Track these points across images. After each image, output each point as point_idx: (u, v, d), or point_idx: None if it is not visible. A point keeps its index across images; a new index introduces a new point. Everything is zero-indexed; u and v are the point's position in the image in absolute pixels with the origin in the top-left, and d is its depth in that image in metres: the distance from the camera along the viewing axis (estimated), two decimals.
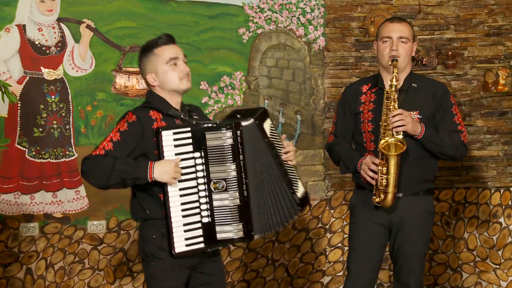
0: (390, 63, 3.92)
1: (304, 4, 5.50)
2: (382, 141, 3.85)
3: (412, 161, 3.96)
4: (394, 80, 3.88)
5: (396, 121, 3.83)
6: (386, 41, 4.00)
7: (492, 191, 5.60)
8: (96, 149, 3.36)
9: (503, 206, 5.60)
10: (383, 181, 3.88)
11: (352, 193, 4.26)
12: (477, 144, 5.58)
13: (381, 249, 4.11)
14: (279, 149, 3.54)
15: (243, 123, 3.39)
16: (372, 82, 4.13)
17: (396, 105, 3.88)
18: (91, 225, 5.31)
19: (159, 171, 3.30)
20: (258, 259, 5.53)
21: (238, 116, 3.48)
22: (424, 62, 5.48)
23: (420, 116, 3.96)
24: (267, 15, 5.47)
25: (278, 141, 3.57)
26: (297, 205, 3.54)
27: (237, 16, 5.44)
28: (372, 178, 3.94)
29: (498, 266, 5.61)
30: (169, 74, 3.47)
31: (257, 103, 5.47)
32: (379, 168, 3.89)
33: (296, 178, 3.62)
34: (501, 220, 5.60)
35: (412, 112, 3.94)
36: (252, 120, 3.42)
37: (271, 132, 3.54)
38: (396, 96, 3.88)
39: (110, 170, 3.29)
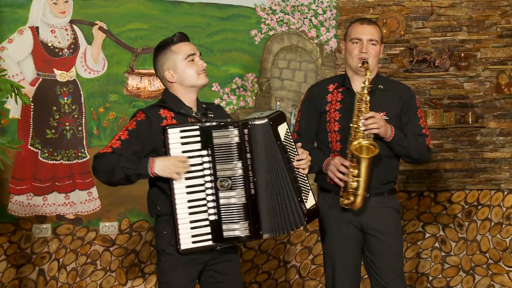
0: (360, 65, 3.92)
1: (316, 6, 5.50)
2: (355, 142, 3.83)
3: (377, 162, 3.94)
4: (367, 82, 3.88)
5: (370, 123, 3.82)
6: (356, 43, 3.99)
7: (505, 193, 5.58)
8: (105, 148, 3.45)
9: None
10: (354, 183, 3.85)
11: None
12: (490, 146, 5.56)
13: (357, 252, 4.03)
14: (292, 155, 3.53)
15: (256, 122, 3.40)
16: (338, 82, 4.09)
17: (368, 107, 3.87)
18: (103, 226, 5.33)
19: (160, 167, 3.36)
20: (270, 261, 5.53)
21: (255, 116, 3.50)
22: (436, 64, 5.46)
23: (387, 118, 3.94)
24: (279, 17, 5.47)
25: (292, 147, 3.56)
26: (304, 215, 3.51)
27: (249, 17, 5.45)
28: (341, 180, 3.91)
29: (511, 269, 5.58)
30: (187, 70, 3.52)
31: (269, 105, 5.47)
32: (351, 170, 3.86)
33: (307, 190, 3.59)
34: None
35: (379, 114, 3.93)
36: (266, 120, 3.42)
37: (286, 137, 3.52)
38: (368, 98, 3.87)
39: (113, 167, 3.37)
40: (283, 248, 5.54)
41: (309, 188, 3.61)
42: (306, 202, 3.54)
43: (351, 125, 3.88)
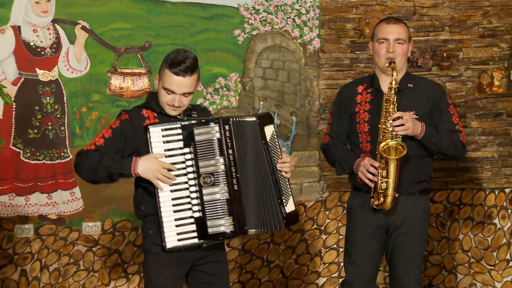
0: (387, 65, 3.93)
1: (299, 6, 5.50)
2: (382, 144, 3.84)
3: (407, 161, 3.96)
4: (393, 82, 3.89)
5: (397, 125, 3.84)
6: (382, 42, 4.00)
7: (487, 192, 5.61)
8: (88, 145, 3.50)
9: (498, 207, 5.61)
10: (383, 184, 3.87)
11: (349, 195, 4.25)
12: (472, 145, 5.59)
13: (378, 252, 4.08)
14: (276, 157, 3.54)
15: (245, 119, 3.45)
16: (368, 83, 4.13)
17: (395, 107, 3.88)
18: (86, 226, 5.31)
19: (143, 168, 3.39)
20: (253, 261, 5.53)
21: (243, 114, 3.54)
22: (419, 64, 5.49)
23: (417, 116, 3.96)
24: (262, 17, 5.47)
25: (277, 149, 3.58)
26: (283, 218, 3.50)
27: (233, 17, 5.44)
28: (371, 181, 3.94)
29: (492, 267, 5.62)
30: (162, 95, 3.53)
31: (252, 105, 5.47)
32: (379, 171, 3.88)
33: (288, 193, 3.59)
34: (496, 221, 5.61)
35: (408, 112, 3.94)
36: (254, 118, 3.48)
37: (272, 139, 3.55)
38: (395, 98, 3.89)
39: (97, 165, 3.41)
40: (267, 248, 5.54)
41: (290, 193, 3.61)
42: (286, 206, 3.53)
43: (380, 126, 3.89)
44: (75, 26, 5.23)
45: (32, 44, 5.17)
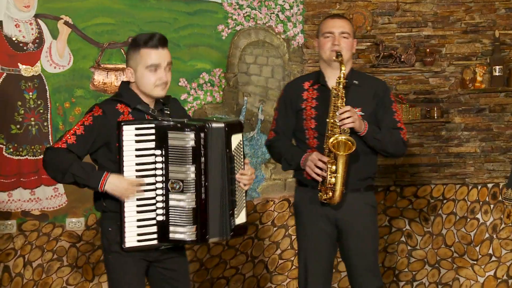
0: (335, 58, 3.91)
1: (283, 1, 5.51)
2: (331, 139, 3.83)
3: (355, 158, 3.95)
4: (341, 77, 3.87)
5: (346, 117, 3.83)
6: (328, 37, 3.99)
7: (470, 187, 5.64)
8: (59, 141, 3.39)
9: (481, 202, 5.64)
10: (332, 179, 3.86)
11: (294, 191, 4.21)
12: (454, 140, 5.62)
13: (331, 249, 4.06)
14: (237, 167, 3.49)
15: (213, 125, 3.37)
16: (314, 79, 4.09)
17: (344, 102, 3.87)
18: (69, 222, 5.29)
19: (111, 186, 3.33)
20: (238, 256, 5.54)
21: (214, 119, 3.48)
22: (402, 59, 5.50)
23: (363, 113, 3.95)
24: (246, 12, 5.47)
25: (240, 160, 3.52)
26: (230, 229, 3.45)
27: (216, 13, 5.44)
28: (318, 175, 3.93)
29: (475, 262, 5.65)
30: (146, 78, 3.43)
31: (236, 100, 5.47)
32: (328, 166, 3.87)
33: (242, 205, 3.53)
34: (479, 216, 5.64)
35: (355, 109, 3.94)
36: (223, 124, 3.40)
37: (237, 148, 3.49)
38: (343, 93, 3.88)
39: (66, 170, 3.33)
40: (251, 243, 5.54)
41: (244, 205, 3.55)
42: (237, 217, 3.48)
43: (328, 120, 3.88)
44: (57, 21, 5.20)
45: (14, 39, 5.14)
